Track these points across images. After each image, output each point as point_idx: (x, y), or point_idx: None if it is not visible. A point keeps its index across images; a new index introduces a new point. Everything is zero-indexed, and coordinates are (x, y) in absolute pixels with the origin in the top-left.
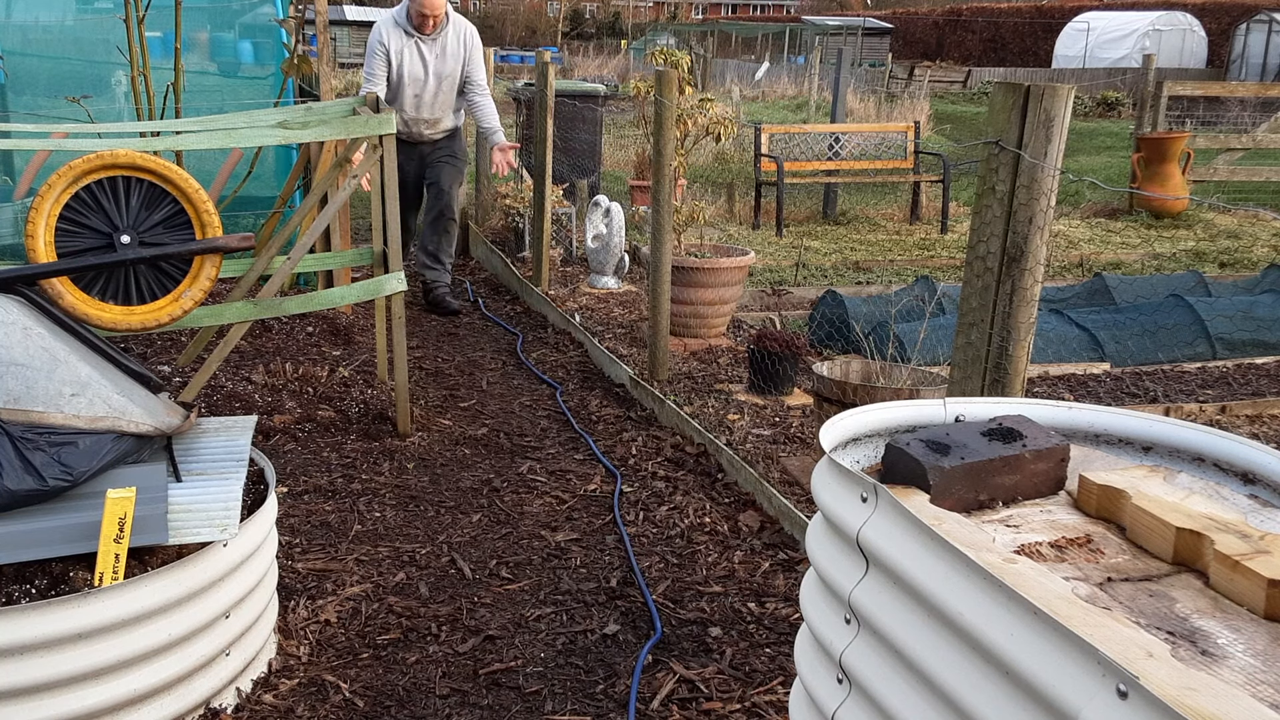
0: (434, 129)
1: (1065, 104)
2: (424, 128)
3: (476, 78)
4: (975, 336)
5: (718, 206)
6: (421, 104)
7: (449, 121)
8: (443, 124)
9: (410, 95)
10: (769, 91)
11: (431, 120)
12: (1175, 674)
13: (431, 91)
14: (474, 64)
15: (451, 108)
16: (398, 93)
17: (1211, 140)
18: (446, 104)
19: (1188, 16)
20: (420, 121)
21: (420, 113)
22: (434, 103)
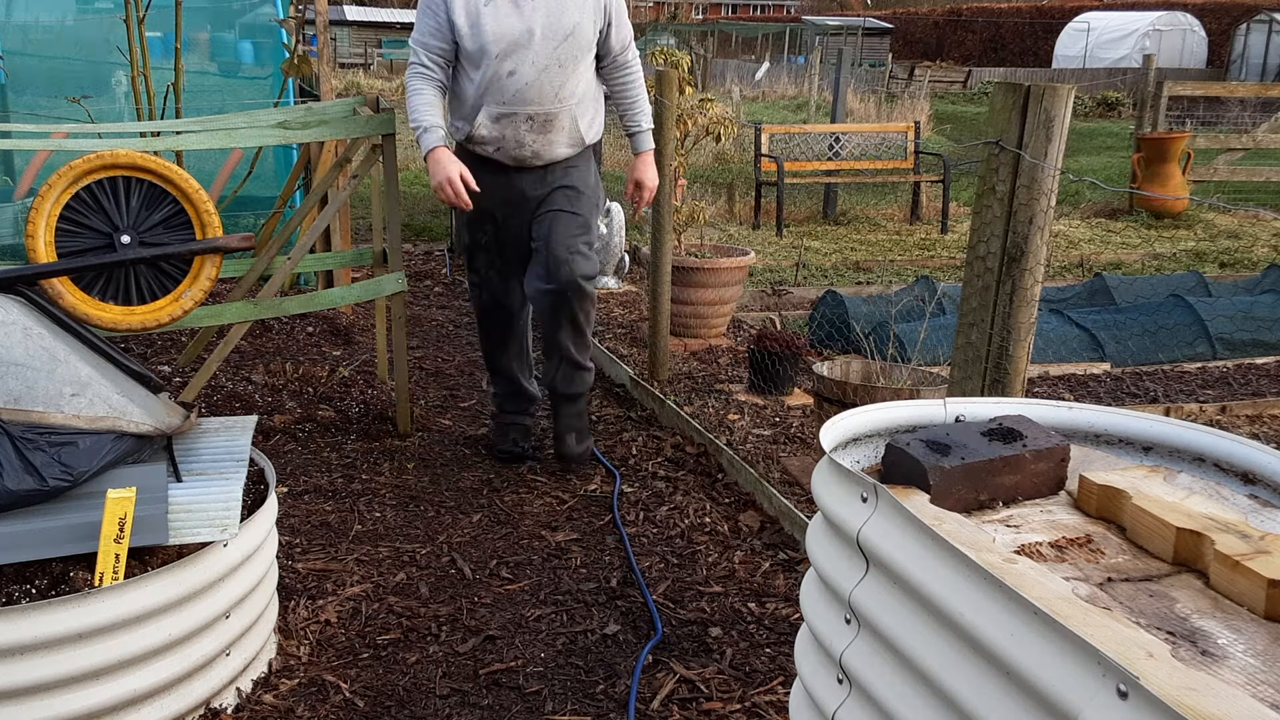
0: (552, 138)
1: (1065, 104)
2: (533, 136)
3: (617, 40)
4: (975, 336)
5: (718, 206)
6: (528, 87)
7: (579, 125)
8: (566, 129)
9: (503, 72)
10: (769, 91)
11: (547, 118)
12: (1175, 674)
13: (542, 62)
14: (617, 16)
15: (581, 96)
16: (480, 72)
17: (1212, 140)
18: (573, 88)
19: (1188, 16)
20: (526, 122)
21: (527, 103)
22: (549, 84)
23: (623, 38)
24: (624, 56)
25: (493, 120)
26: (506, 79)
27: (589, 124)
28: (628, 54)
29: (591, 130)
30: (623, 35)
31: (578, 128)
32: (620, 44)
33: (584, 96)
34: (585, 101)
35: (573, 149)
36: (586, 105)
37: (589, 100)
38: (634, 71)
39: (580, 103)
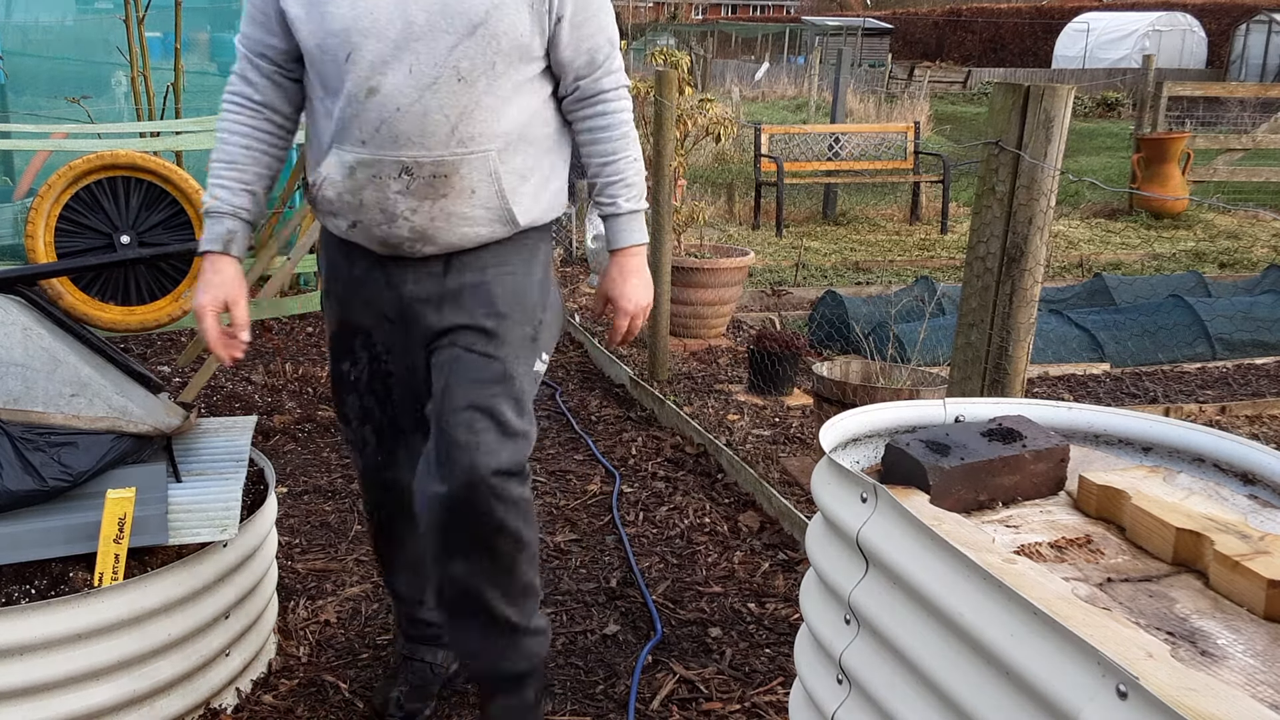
0: (449, 209)
1: (1065, 104)
2: (411, 202)
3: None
4: (975, 337)
5: (717, 207)
6: (401, 115)
7: (505, 190)
8: (478, 196)
9: (360, 88)
10: (769, 92)
11: (436, 172)
12: (1175, 674)
13: (427, 73)
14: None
15: (510, 138)
16: (327, 90)
17: (1211, 140)
18: (489, 121)
19: (1188, 17)
20: (398, 178)
21: (399, 143)
22: (441, 110)
23: (589, 45)
24: (594, 80)
25: (345, 172)
26: (365, 100)
27: (530, 190)
28: (600, 76)
29: (535, 202)
30: (588, 41)
31: (502, 194)
32: (584, 55)
33: (515, 139)
34: (519, 149)
35: (495, 231)
36: (522, 156)
37: (528, 147)
38: (613, 109)
39: (508, 149)
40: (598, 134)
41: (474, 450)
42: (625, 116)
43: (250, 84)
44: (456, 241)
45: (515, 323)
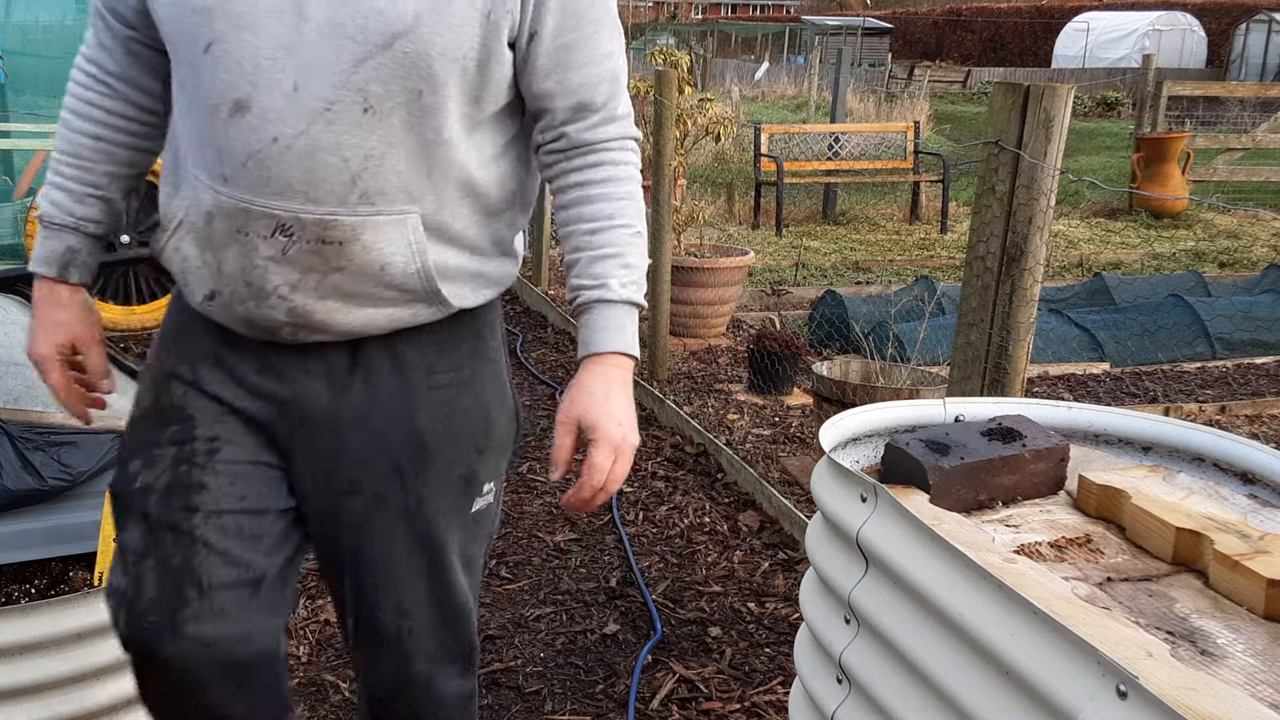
0: (341, 285)
1: (1065, 104)
2: (287, 273)
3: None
4: (975, 336)
5: (717, 206)
6: (280, 151)
7: (430, 264)
8: (389, 271)
9: (223, 102)
10: (769, 91)
11: (325, 236)
12: (1175, 674)
13: (318, 95)
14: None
15: (445, 196)
16: (186, 97)
17: (1211, 140)
18: (403, 172)
19: (1187, 16)
20: (269, 239)
21: (271, 188)
22: (335, 149)
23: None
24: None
25: (199, 220)
26: (230, 120)
27: (472, 266)
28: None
29: (478, 281)
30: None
31: (426, 274)
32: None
33: (452, 198)
34: (458, 211)
35: (417, 314)
36: (464, 220)
37: (473, 208)
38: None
39: (442, 212)
40: (589, 192)
41: (402, 642)
42: (631, 174)
43: (105, 49)
44: (358, 328)
45: (446, 463)
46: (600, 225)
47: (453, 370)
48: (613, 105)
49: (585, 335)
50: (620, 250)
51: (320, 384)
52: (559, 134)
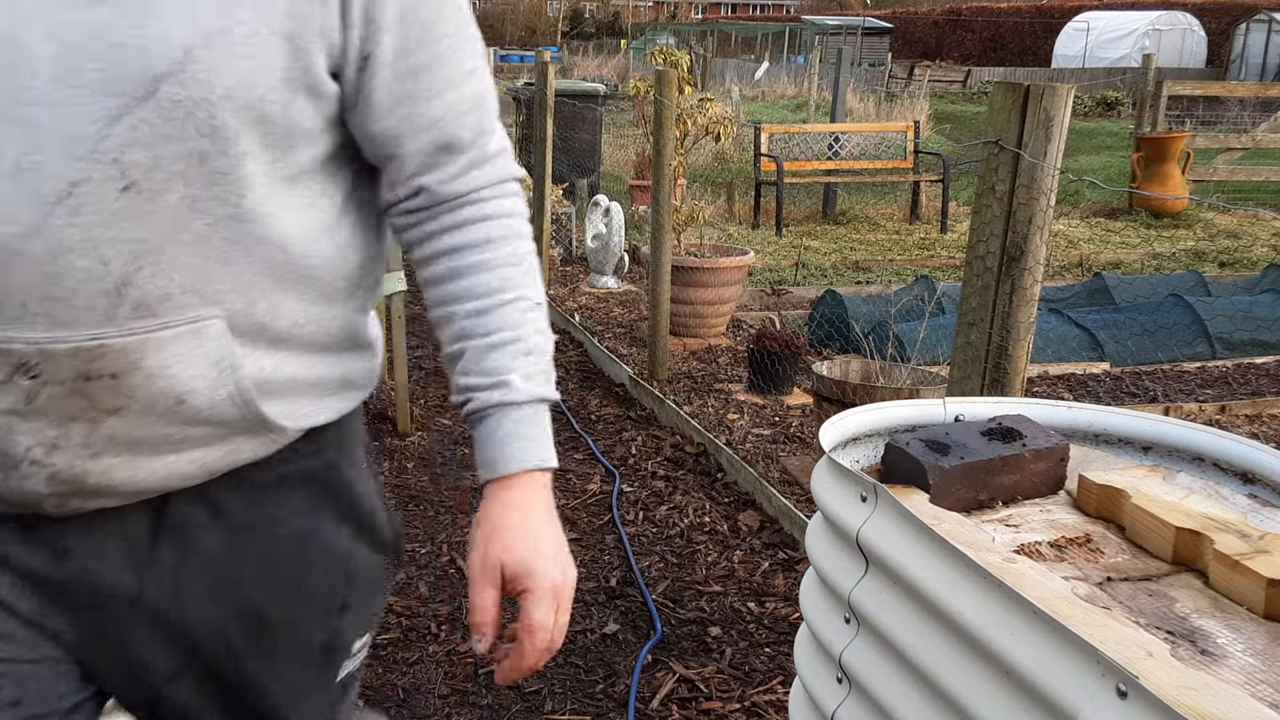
0: (121, 432)
1: (1065, 103)
2: (37, 427)
3: (429, 135)
4: (975, 336)
5: (717, 206)
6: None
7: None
8: (190, 402)
9: None
10: (769, 91)
11: (89, 369)
12: (1175, 674)
13: (50, 165)
14: (417, 39)
15: (249, 284)
16: None
17: (1211, 140)
18: (185, 265)
19: (1187, 16)
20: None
21: (20, 323)
22: (90, 242)
23: (439, 112)
24: (452, 175)
25: None
26: None
27: (314, 374)
28: (466, 169)
29: (318, 391)
30: (436, 104)
31: (242, 397)
32: (429, 131)
33: (270, 289)
34: (282, 304)
35: (237, 451)
36: (290, 314)
37: (302, 296)
38: (493, 220)
39: (255, 310)
40: (466, 260)
41: None
42: (516, 229)
43: None
44: (155, 485)
45: (296, 634)
46: (486, 304)
47: (298, 516)
48: (483, 141)
49: (488, 453)
50: (517, 333)
51: (116, 560)
52: (415, 188)
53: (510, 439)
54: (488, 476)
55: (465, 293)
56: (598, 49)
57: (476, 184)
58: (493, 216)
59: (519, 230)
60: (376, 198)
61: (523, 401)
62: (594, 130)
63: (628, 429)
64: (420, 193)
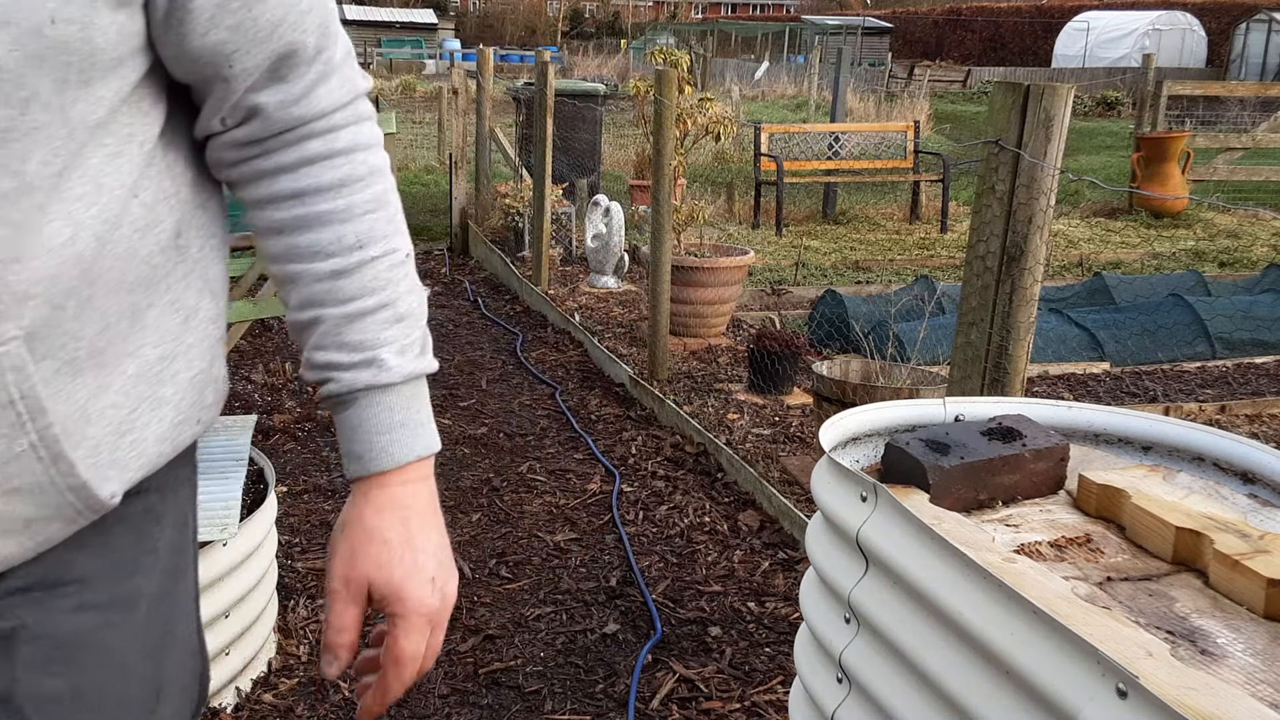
0: None
1: (1065, 103)
2: None
3: (264, 47)
4: (975, 336)
5: (717, 206)
6: None
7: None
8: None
9: None
10: (769, 91)
11: None
12: (1175, 673)
13: None
14: None
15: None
16: None
17: (1211, 140)
18: None
19: (1187, 16)
20: None
21: None
22: None
23: (274, 15)
24: (292, 94)
25: None
26: None
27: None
28: (311, 88)
29: (134, 434)
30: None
31: (49, 446)
32: (261, 41)
33: (67, 281)
34: (85, 312)
35: (40, 535)
36: (94, 324)
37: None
38: (345, 150)
39: (68, 311)
40: (318, 208)
41: None
42: (375, 163)
43: None
44: None
45: None
46: (346, 263)
47: (103, 593)
48: (328, 46)
49: (358, 445)
50: (385, 296)
51: None
52: (247, 111)
53: (386, 429)
54: (358, 473)
55: (318, 248)
56: (598, 49)
57: (324, 105)
58: (347, 150)
59: (378, 165)
60: (191, 129)
61: (398, 382)
62: (594, 130)
63: (628, 429)
64: (254, 117)
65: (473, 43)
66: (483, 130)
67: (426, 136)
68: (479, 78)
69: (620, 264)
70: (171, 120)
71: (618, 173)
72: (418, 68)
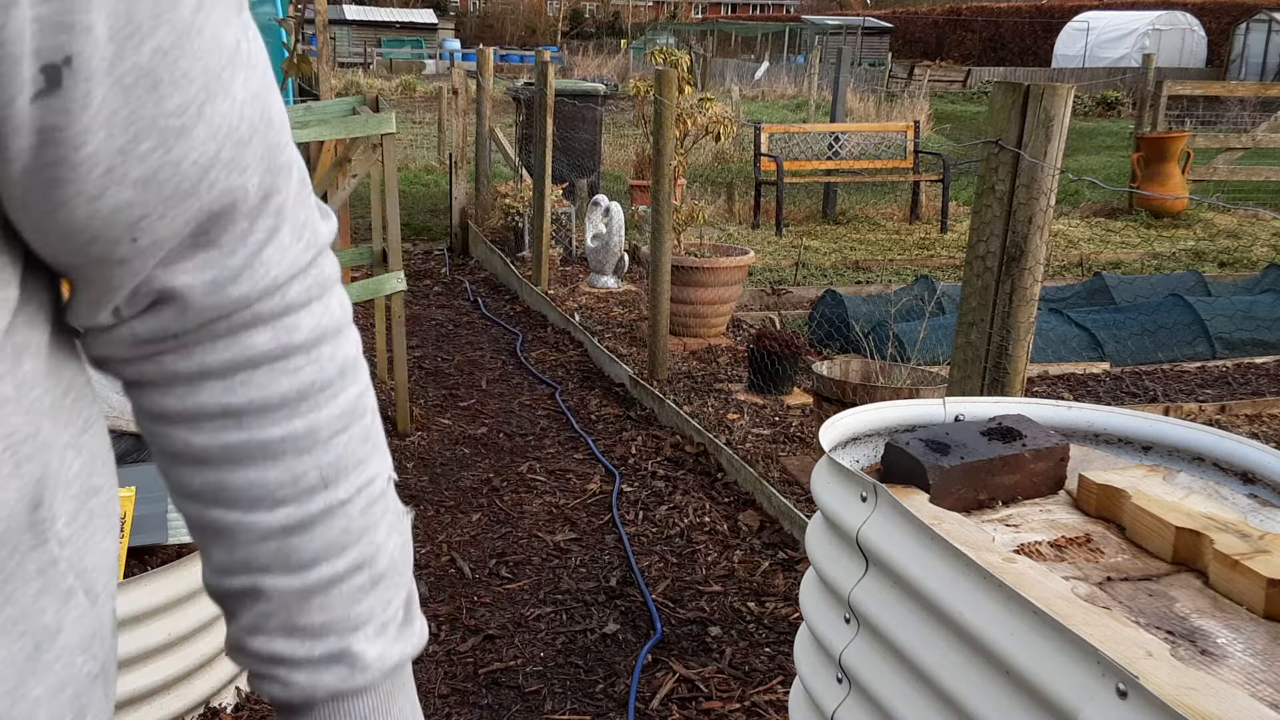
0: None
1: (1065, 103)
2: None
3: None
4: (975, 336)
5: (717, 206)
6: None
7: None
8: None
9: None
10: (769, 91)
11: None
12: (1175, 673)
13: None
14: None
15: None
16: None
17: (1211, 140)
18: None
19: (1187, 16)
20: None
21: None
22: None
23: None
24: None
25: None
26: None
27: None
28: (253, 252)
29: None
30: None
31: None
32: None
33: None
34: None
35: None
36: None
37: None
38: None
39: None
40: (261, 435)
41: None
42: (347, 355)
43: None
44: None
45: None
46: (304, 511)
47: None
48: (280, 186)
49: None
50: (361, 551)
51: None
52: (160, 295)
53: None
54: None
55: (263, 492)
56: (598, 49)
57: (275, 275)
58: (310, 344)
59: (349, 358)
60: (54, 317)
61: (374, 682)
62: (594, 130)
63: (628, 429)
64: (167, 303)
65: (473, 43)
66: (483, 130)
67: (426, 136)
68: (479, 78)
69: (620, 264)
70: (24, 312)
71: (618, 173)
72: (418, 68)
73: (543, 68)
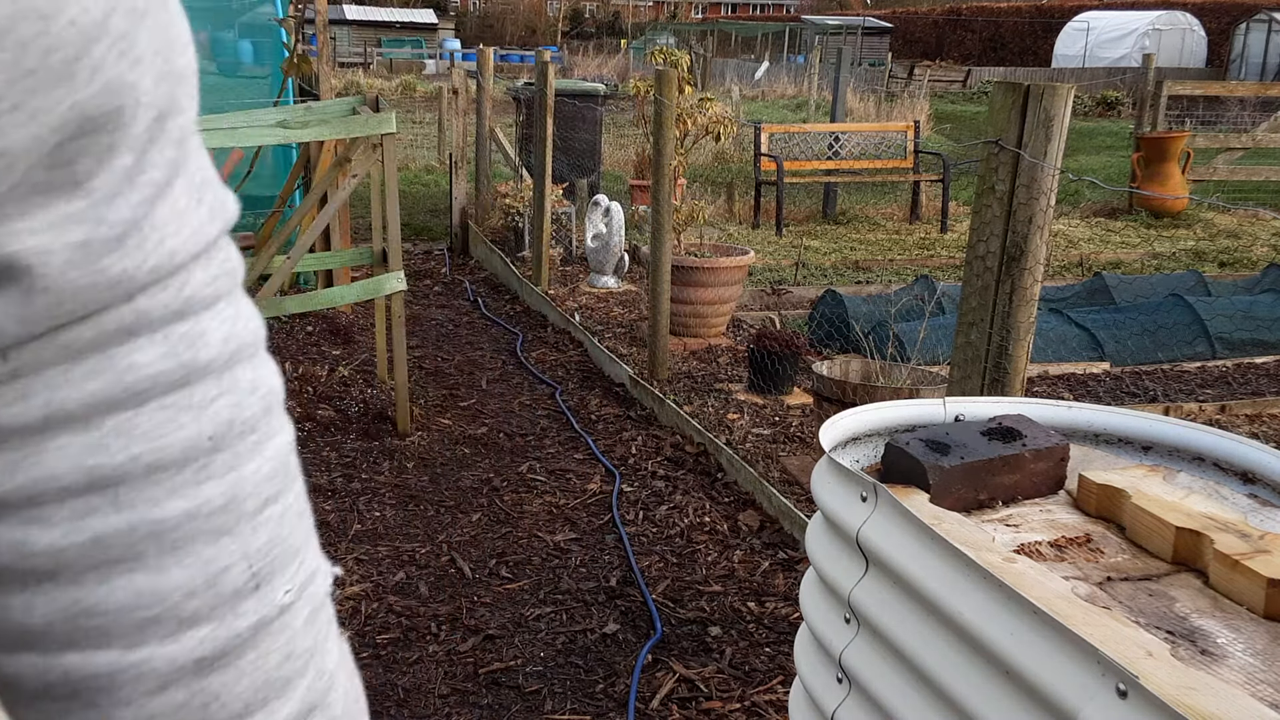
0: None
1: (1065, 103)
2: None
3: None
4: (975, 336)
5: (717, 206)
6: None
7: None
8: None
9: None
10: (769, 91)
11: None
12: (1175, 673)
13: None
14: None
15: None
16: None
17: (1211, 140)
18: None
19: (1187, 16)
20: None
21: None
22: None
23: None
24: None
25: None
26: None
27: None
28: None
29: None
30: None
31: None
32: None
33: None
34: None
35: None
36: None
37: None
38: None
39: None
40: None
41: None
42: (266, 391)
43: None
44: None
45: None
46: (234, 634)
47: None
48: (182, 106)
49: None
50: (313, 691)
51: None
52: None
53: None
54: None
55: (155, 613)
56: (598, 49)
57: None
58: (219, 368)
59: (275, 390)
60: None
61: None
62: (594, 130)
63: (628, 429)
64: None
65: (473, 43)
66: (483, 130)
67: (426, 136)
68: (479, 78)
69: (620, 264)
70: None
71: (618, 173)
72: (418, 68)
73: (543, 68)
